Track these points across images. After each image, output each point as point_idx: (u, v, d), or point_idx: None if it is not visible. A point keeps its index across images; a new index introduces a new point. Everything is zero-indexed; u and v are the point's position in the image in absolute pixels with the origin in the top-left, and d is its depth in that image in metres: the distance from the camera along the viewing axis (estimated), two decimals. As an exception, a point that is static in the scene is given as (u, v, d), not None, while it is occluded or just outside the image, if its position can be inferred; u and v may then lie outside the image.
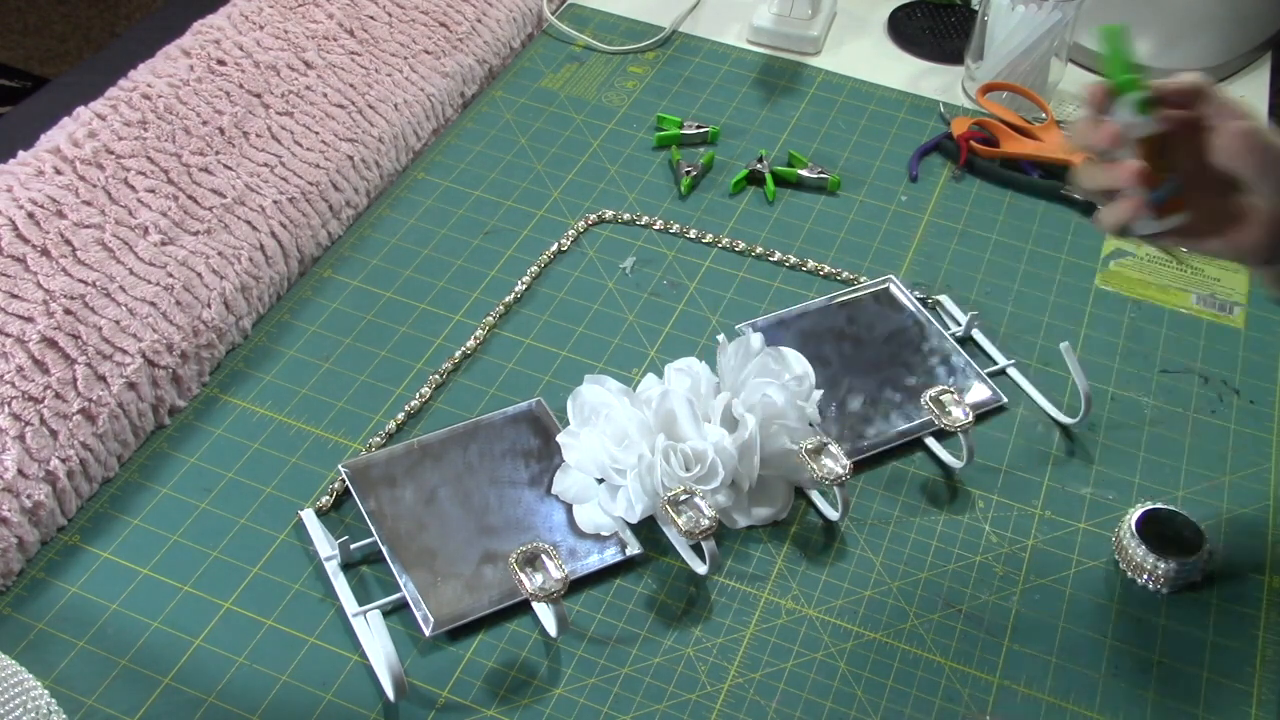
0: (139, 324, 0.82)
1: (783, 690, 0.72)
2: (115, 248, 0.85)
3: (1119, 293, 0.98)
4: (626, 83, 1.17)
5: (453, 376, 0.88)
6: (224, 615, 0.74)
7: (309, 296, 0.94)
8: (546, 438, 0.83)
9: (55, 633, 0.72)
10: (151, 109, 0.94)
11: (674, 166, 1.06)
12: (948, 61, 1.23)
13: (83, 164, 0.88)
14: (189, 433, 0.84)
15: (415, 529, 0.77)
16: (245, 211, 0.92)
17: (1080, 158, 0.74)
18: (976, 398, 0.88)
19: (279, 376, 0.88)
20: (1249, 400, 0.90)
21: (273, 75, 1.00)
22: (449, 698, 0.71)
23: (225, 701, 0.69)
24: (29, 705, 0.62)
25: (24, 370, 0.77)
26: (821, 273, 0.98)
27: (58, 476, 0.76)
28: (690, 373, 0.82)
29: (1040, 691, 0.72)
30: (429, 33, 1.12)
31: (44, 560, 0.76)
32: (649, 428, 0.78)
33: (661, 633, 0.74)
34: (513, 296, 0.94)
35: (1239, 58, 1.23)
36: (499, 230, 1.00)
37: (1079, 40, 1.21)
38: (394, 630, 0.72)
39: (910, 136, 1.12)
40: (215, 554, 0.77)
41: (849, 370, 0.89)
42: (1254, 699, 0.73)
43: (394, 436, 0.84)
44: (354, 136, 1.01)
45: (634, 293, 0.96)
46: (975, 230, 1.03)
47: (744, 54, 1.22)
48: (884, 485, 0.83)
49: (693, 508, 0.73)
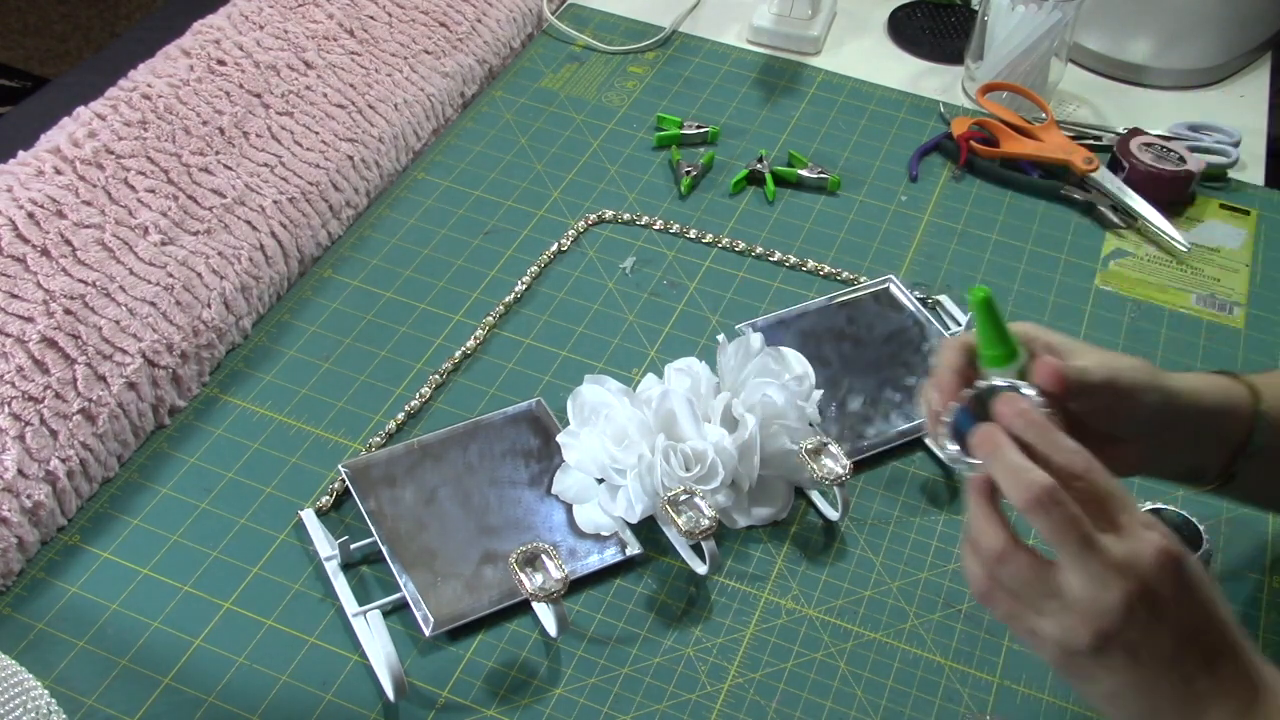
0: (139, 324, 0.82)
1: (783, 690, 0.72)
2: (115, 248, 0.85)
3: (1119, 293, 0.98)
4: (626, 83, 1.17)
5: (453, 376, 0.88)
6: (224, 615, 0.74)
7: (309, 296, 0.94)
8: (546, 438, 0.83)
9: (55, 633, 0.72)
10: (151, 109, 0.94)
11: (674, 166, 1.06)
12: (948, 61, 1.23)
13: (83, 164, 0.88)
14: (189, 433, 0.84)
15: (415, 529, 0.77)
16: (245, 211, 0.92)
17: (1082, 155, 0.73)
18: (976, 398, 0.88)
19: (279, 376, 0.88)
20: (1249, 400, 0.90)
21: (273, 75, 1.00)
22: (449, 698, 0.71)
23: (225, 701, 0.69)
24: (29, 705, 0.62)
25: (24, 370, 0.77)
26: (821, 273, 0.98)
27: (58, 476, 0.76)
28: (690, 373, 0.82)
29: (1040, 691, 0.72)
30: (429, 33, 1.12)
31: (44, 560, 0.76)
32: (649, 428, 0.78)
33: (661, 633, 0.74)
34: (513, 296, 0.94)
35: (1239, 58, 1.23)
36: (499, 230, 1.00)
37: (1079, 40, 1.21)
38: (394, 630, 0.72)
39: (910, 136, 1.12)
40: (215, 554, 0.77)
41: (849, 370, 0.89)
42: (1254, 699, 0.73)
43: (394, 436, 0.84)
44: (354, 136, 1.01)
45: (634, 293, 0.96)
46: (975, 230, 1.03)
47: (744, 54, 1.22)
48: (884, 485, 0.83)
49: (693, 508, 0.73)
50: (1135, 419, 0.62)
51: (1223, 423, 0.65)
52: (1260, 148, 1.14)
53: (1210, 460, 0.67)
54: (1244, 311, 0.98)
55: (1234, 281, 1.00)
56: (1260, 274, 1.01)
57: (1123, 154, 1.06)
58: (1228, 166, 1.10)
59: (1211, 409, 0.64)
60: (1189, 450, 0.66)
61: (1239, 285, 1.00)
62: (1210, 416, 0.65)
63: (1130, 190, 1.04)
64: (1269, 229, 1.05)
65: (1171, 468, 0.67)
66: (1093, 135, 1.12)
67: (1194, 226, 1.05)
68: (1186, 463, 0.67)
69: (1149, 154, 1.06)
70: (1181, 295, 0.99)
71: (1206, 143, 1.11)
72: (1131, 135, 1.08)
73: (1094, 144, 1.11)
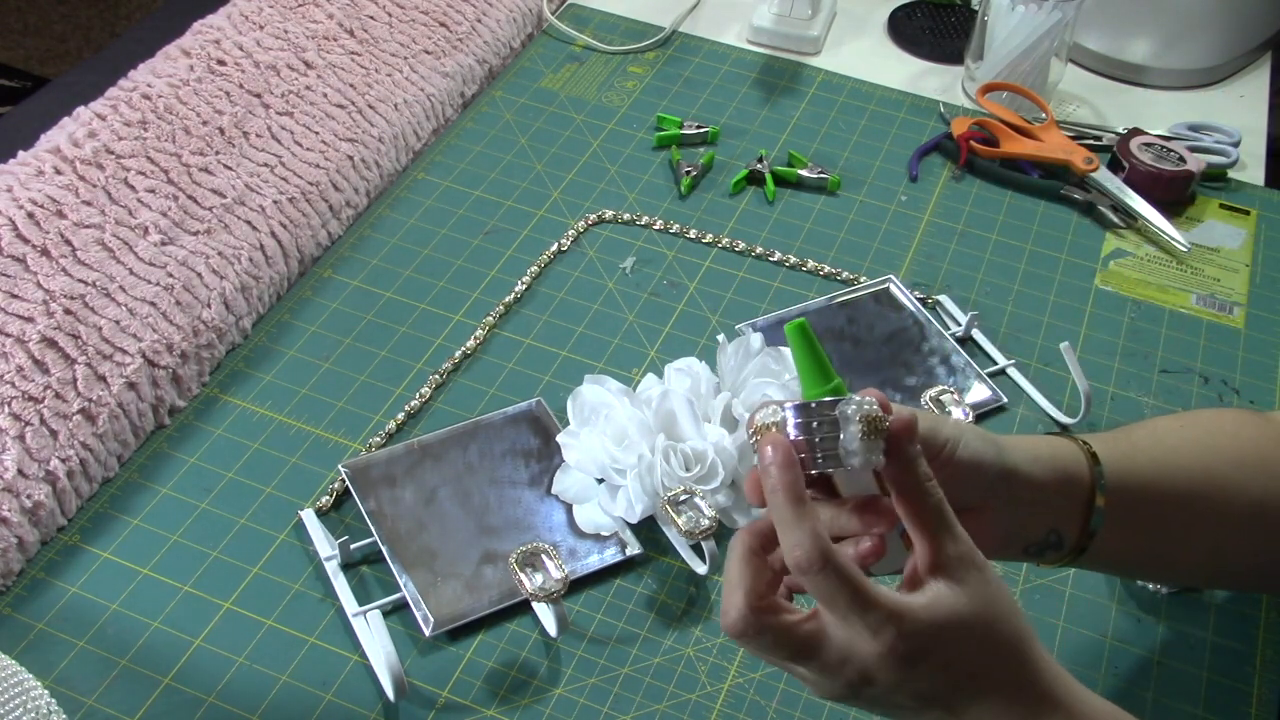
0: (139, 324, 0.82)
1: (783, 690, 0.72)
2: (115, 248, 0.85)
3: (1119, 293, 0.98)
4: (626, 83, 1.17)
5: (453, 376, 0.88)
6: (224, 615, 0.74)
7: (309, 296, 0.94)
8: (546, 438, 0.83)
9: (55, 633, 0.72)
10: (151, 109, 0.94)
11: (674, 166, 1.06)
12: (948, 61, 1.23)
13: (83, 164, 0.88)
14: (189, 433, 0.84)
15: (415, 529, 0.77)
16: (245, 211, 0.92)
17: (1082, 155, 0.72)
18: (976, 398, 0.88)
19: (279, 376, 0.88)
20: (1249, 400, 0.90)
21: (273, 75, 1.00)
22: (449, 698, 0.71)
23: (225, 701, 0.69)
24: (29, 705, 0.62)
25: (24, 370, 0.77)
26: (821, 273, 0.98)
27: (58, 476, 0.76)
28: (690, 373, 0.82)
29: (1040, 691, 0.72)
30: (429, 33, 1.12)
31: (44, 560, 0.76)
32: (649, 428, 0.78)
33: (661, 633, 0.74)
34: (513, 296, 0.94)
35: (1239, 58, 1.23)
36: (499, 230, 1.00)
37: (1079, 40, 1.21)
38: (394, 630, 0.72)
39: (910, 136, 1.12)
40: (215, 554, 0.77)
41: (849, 370, 0.89)
42: (1254, 699, 0.73)
43: (394, 436, 0.84)
44: (354, 136, 1.01)
45: (634, 293, 0.96)
46: (975, 230, 1.03)
47: (744, 54, 1.22)
48: (884, 485, 0.83)
49: (693, 508, 0.73)
50: (980, 487, 0.58)
51: (1066, 492, 0.61)
52: (1260, 148, 1.14)
53: (1067, 528, 0.62)
54: (1244, 311, 0.98)
55: (1234, 281, 1.00)
56: (1260, 274, 1.01)
57: (1123, 154, 1.06)
58: (1228, 166, 1.10)
59: (1048, 483, 0.61)
60: (1039, 519, 0.62)
61: (1239, 285, 1.00)
62: (1048, 490, 0.61)
63: (1130, 190, 1.04)
64: (1269, 229, 1.05)
65: (1030, 536, 0.62)
66: (1093, 135, 1.12)
67: (1194, 226, 1.05)
68: (1043, 531, 0.62)
69: (1149, 154, 1.06)
70: (1181, 295, 0.99)
71: (1206, 143, 1.11)
72: (1131, 135, 1.08)
73: (1094, 144, 1.11)
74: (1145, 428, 0.68)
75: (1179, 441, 0.66)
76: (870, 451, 0.52)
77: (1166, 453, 0.66)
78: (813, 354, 0.55)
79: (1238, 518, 0.65)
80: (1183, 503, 0.64)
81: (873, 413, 0.52)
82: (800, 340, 0.55)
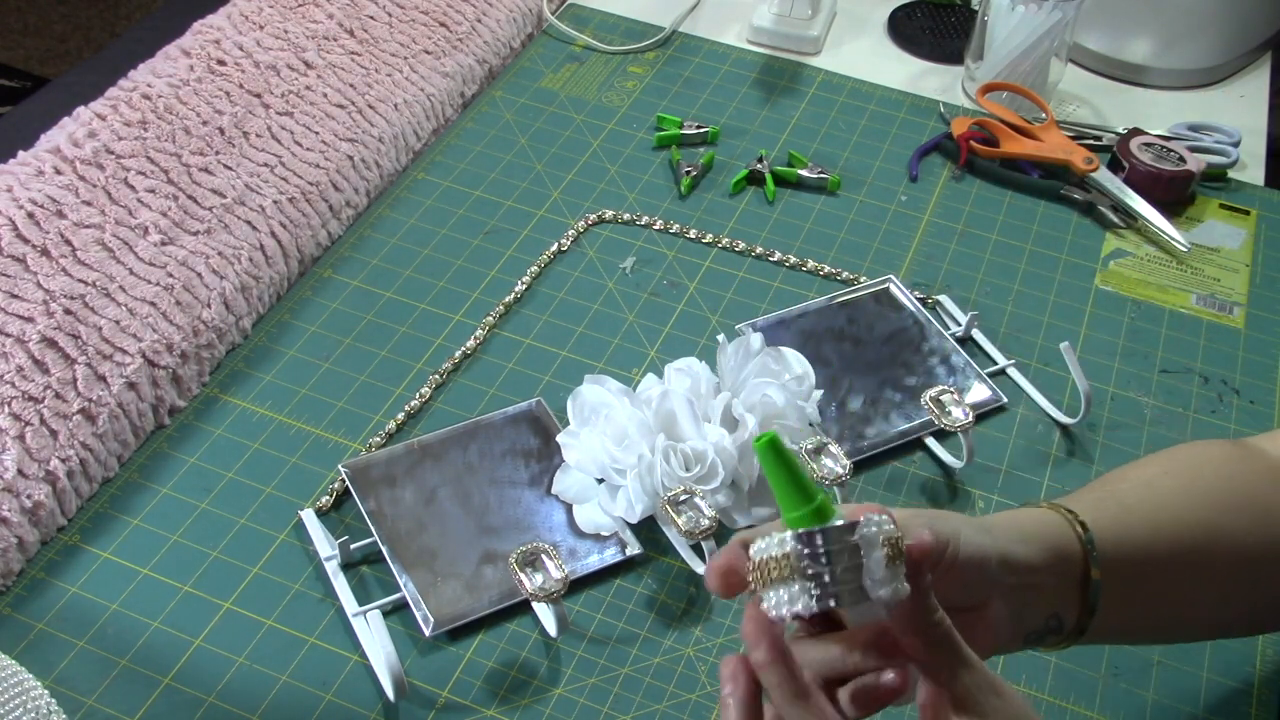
0: (139, 324, 0.82)
1: (783, 690, 0.72)
2: (115, 248, 0.85)
3: (1119, 293, 0.98)
4: (626, 83, 1.17)
5: (453, 376, 0.88)
6: (224, 615, 0.74)
7: (309, 296, 0.94)
8: (546, 438, 0.83)
9: (55, 633, 0.72)
10: (151, 109, 0.94)
11: (674, 166, 1.06)
12: (948, 61, 1.23)
13: (83, 164, 0.88)
14: (189, 433, 0.84)
15: (415, 529, 0.77)
16: (245, 211, 0.92)
17: (1082, 155, 0.71)
18: (976, 398, 0.88)
19: (279, 376, 0.88)
20: (1249, 400, 0.90)
21: (273, 75, 1.00)
22: (449, 698, 0.71)
23: (225, 701, 0.69)
24: (29, 705, 0.62)
25: (24, 370, 0.77)
26: (821, 273, 0.98)
27: (58, 476, 0.76)
28: (690, 373, 0.82)
29: (1040, 691, 0.72)
30: (429, 33, 1.12)
31: (44, 560, 0.76)
32: (649, 428, 0.78)
33: (661, 633, 0.74)
34: (513, 296, 0.94)
35: (1239, 58, 1.23)
36: (499, 230, 1.00)
37: (1079, 40, 1.21)
38: (394, 630, 0.72)
39: (910, 136, 1.12)
40: (215, 554, 0.77)
41: (849, 370, 0.89)
42: (1254, 699, 0.73)
43: (394, 436, 0.84)
44: (354, 136, 1.01)
45: (634, 293, 0.96)
46: (975, 230, 1.03)
47: (744, 54, 1.22)
48: (884, 485, 0.83)
49: (693, 508, 0.73)
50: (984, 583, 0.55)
51: (1060, 571, 0.58)
52: (1260, 148, 1.14)
53: (1066, 610, 0.59)
54: (1244, 311, 0.98)
55: (1234, 281, 1.00)
56: (1260, 274, 1.01)
57: (1123, 154, 1.06)
58: (1228, 166, 1.10)
59: (1040, 565, 0.57)
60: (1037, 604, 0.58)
61: (1239, 285, 1.00)
62: (1041, 572, 0.57)
63: (1130, 190, 1.04)
64: (1269, 229, 1.05)
65: (1030, 624, 0.58)
66: (1093, 135, 1.13)
67: (1194, 226, 1.05)
68: (1042, 617, 0.58)
69: (1149, 154, 1.06)
70: (1181, 295, 0.99)
71: (1206, 143, 1.11)
72: (1131, 135, 1.08)
73: (1094, 144, 1.11)
74: (1129, 479, 0.64)
75: (1169, 493, 0.63)
76: (896, 579, 0.45)
77: (1157, 510, 0.62)
78: (788, 470, 0.47)
79: (1237, 567, 0.62)
80: (1183, 562, 0.61)
81: (894, 534, 0.46)
82: (772, 457, 0.47)
